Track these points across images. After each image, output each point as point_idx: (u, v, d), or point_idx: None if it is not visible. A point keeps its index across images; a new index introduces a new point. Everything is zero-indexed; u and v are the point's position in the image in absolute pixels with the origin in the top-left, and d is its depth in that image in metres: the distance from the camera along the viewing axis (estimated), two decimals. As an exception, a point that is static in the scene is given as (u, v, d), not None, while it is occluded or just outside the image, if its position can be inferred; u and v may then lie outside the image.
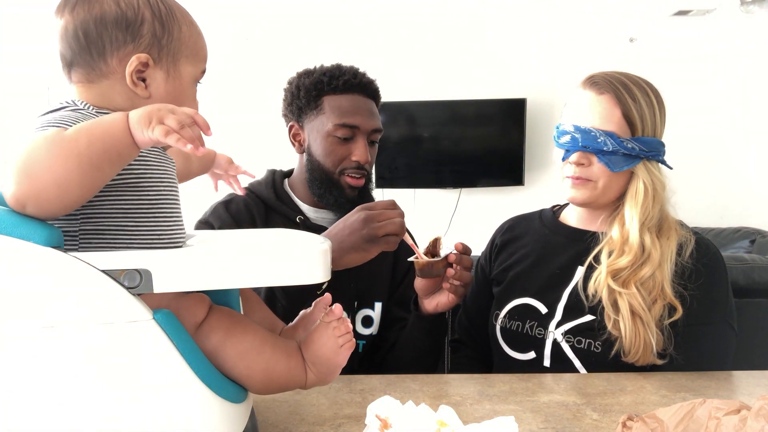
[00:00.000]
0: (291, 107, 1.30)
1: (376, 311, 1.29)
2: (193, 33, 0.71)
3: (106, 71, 0.66)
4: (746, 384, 0.98)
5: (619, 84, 1.08)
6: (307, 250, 0.63)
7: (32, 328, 0.56)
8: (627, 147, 1.06)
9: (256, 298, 0.80)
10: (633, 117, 1.07)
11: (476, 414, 0.84)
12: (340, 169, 1.25)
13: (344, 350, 0.69)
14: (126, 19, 0.65)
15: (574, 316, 1.10)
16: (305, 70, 1.30)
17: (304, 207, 1.31)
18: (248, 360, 0.65)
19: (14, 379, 0.56)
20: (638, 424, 0.62)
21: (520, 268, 1.20)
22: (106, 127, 0.58)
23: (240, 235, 0.81)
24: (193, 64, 0.71)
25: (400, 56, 3.34)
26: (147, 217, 0.64)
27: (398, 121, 3.34)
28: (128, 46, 0.65)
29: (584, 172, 1.09)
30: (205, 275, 0.59)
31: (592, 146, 1.06)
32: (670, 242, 1.07)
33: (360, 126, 1.23)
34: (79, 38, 0.65)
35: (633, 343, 1.02)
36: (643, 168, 1.08)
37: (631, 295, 1.03)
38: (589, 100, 1.09)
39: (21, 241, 0.55)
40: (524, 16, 3.42)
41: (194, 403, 0.61)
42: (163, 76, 0.68)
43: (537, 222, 1.26)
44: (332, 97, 1.24)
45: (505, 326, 1.16)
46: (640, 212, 1.07)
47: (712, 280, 1.08)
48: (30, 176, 0.54)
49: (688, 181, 3.35)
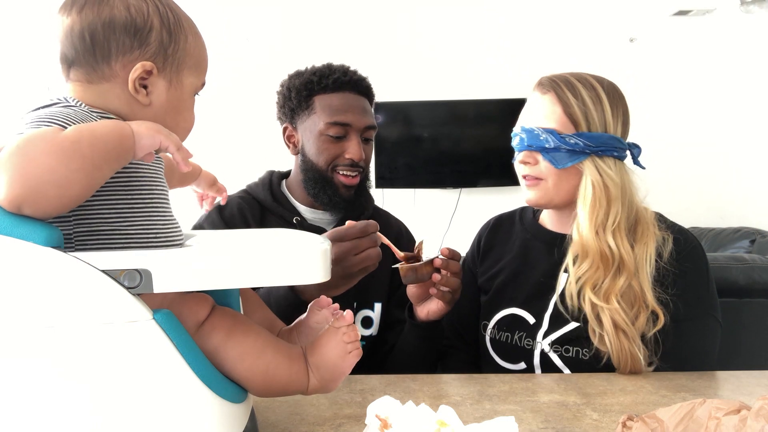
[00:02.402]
0: (284, 109, 1.30)
1: (375, 312, 1.29)
2: (198, 44, 0.71)
3: (108, 74, 0.65)
4: (746, 384, 0.98)
5: (562, 83, 1.09)
6: (307, 250, 0.63)
7: (32, 328, 0.56)
8: (569, 143, 1.06)
9: (256, 298, 0.80)
10: (575, 113, 1.07)
11: (476, 414, 0.84)
12: (332, 166, 1.24)
13: (351, 357, 0.69)
14: (135, 25, 0.65)
15: (559, 325, 1.09)
16: (296, 72, 1.30)
17: (301, 208, 1.31)
18: (249, 361, 0.65)
19: (14, 379, 0.56)
20: (638, 424, 0.62)
21: (505, 277, 1.19)
22: (108, 129, 0.58)
23: (240, 235, 0.81)
24: (196, 75, 0.71)
25: (400, 56, 3.34)
26: (140, 216, 0.64)
27: (398, 121, 3.33)
28: (134, 52, 0.65)
29: (533, 171, 1.10)
30: (205, 275, 0.59)
31: (535, 144, 1.08)
32: (648, 247, 1.05)
33: (352, 123, 1.23)
34: (85, 39, 0.64)
35: (620, 357, 1.01)
36: (590, 164, 1.06)
37: (613, 310, 1.01)
38: (534, 101, 1.12)
39: (21, 241, 0.55)
40: (524, 16, 3.42)
41: (194, 403, 0.61)
42: (165, 85, 0.68)
43: (518, 225, 1.25)
44: (323, 96, 1.24)
45: (495, 337, 1.16)
46: (589, 211, 1.05)
47: (694, 277, 1.07)
48: (27, 177, 0.53)
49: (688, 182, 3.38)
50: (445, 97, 3.36)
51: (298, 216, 1.29)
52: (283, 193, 1.33)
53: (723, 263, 1.71)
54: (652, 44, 3.42)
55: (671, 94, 3.39)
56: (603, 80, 1.12)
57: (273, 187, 1.32)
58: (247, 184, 1.36)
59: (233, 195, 1.31)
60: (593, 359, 1.05)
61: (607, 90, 1.10)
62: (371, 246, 1.00)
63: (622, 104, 1.11)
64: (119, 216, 0.62)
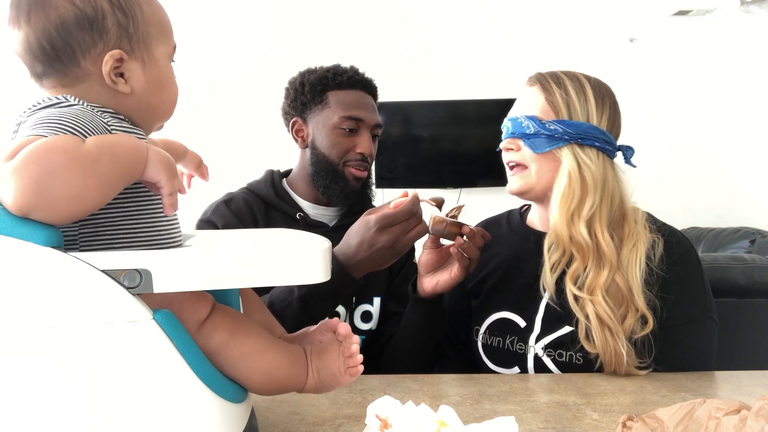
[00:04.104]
0: (294, 103, 1.33)
1: (374, 306, 1.30)
2: (154, 9, 0.67)
3: (82, 75, 0.63)
4: (746, 384, 0.98)
5: (549, 76, 1.11)
6: (308, 250, 0.63)
7: (32, 328, 0.56)
8: (549, 129, 1.06)
9: (256, 299, 0.80)
10: (556, 101, 1.08)
11: (476, 414, 0.84)
12: (344, 161, 1.28)
13: (347, 376, 0.69)
14: (87, 17, 0.62)
15: (552, 329, 1.08)
16: (307, 69, 1.33)
17: (303, 204, 1.33)
18: (250, 361, 0.65)
19: (14, 379, 0.56)
20: (638, 424, 0.62)
21: (494, 280, 1.19)
22: (128, 150, 0.58)
23: (240, 235, 0.81)
24: (164, 42, 0.68)
25: (400, 56, 3.34)
26: (146, 214, 0.64)
27: (398, 121, 3.33)
28: (98, 45, 0.63)
29: (516, 156, 1.12)
30: (205, 275, 0.59)
31: (517, 131, 1.10)
32: (638, 249, 1.04)
33: (364, 119, 1.28)
34: (45, 49, 0.62)
35: (605, 353, 1.00)
36: (569, 151, 1.06)
37: (597, 303, 1.01)
38: (521, 94, 1.14)
39: (21, 241, 0.55)
40: (524, 16, 3.42)
41: (194, 403, 0.61)
42: (140, 66, 0.65)
43: (506, 227, 1.25)
44: (337, 92, 1.28)
45: (486, 342, 1.15)
46: (561, 197, 1.05)
47: (688, 280, 1.07)
48: (42, 189, 0.52)
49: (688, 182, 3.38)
50: (445, 97, 3.36)
51: (300, 212, 1.31)
52: (285, 189, 1.35)
53: (723, 263, 1.71)
54: (652, 44, 3.42)
55: (671, 94, 3.38)
56: (591, 77, 1.12)
57: (275, 184, 1.34)
58: (247, 182, 1.37)
59: (237, 191, 1.34)
60: (587, 364, 1.04)
61: (594, 84, 1.10)
62: (418, 223, 1.04)
63: (610, 100, 1.11)
64: (124, 215, 0.62)
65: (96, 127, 0.59)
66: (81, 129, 0.58)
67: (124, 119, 0.67)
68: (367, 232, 1.02)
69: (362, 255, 1.03)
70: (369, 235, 1.02)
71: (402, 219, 1.02)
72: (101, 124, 0.61)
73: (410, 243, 1.04)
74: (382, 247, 1.02)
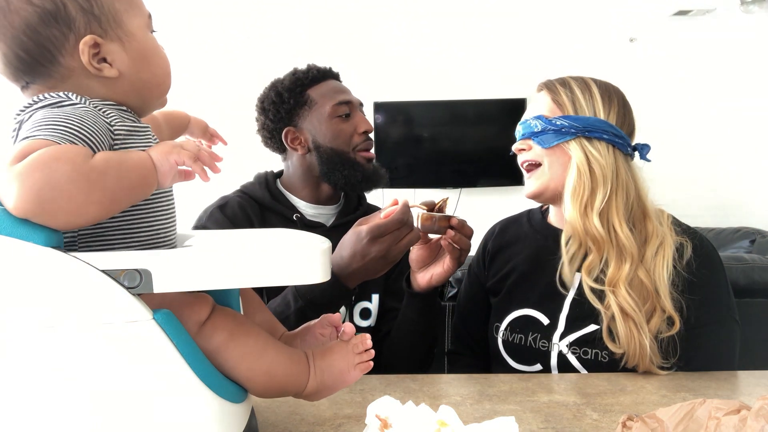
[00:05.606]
0: (278, 115, 1.33)
1: (373, 303, 1.30)
2: None
3: (66, 72, 0.62)
4: (746, 384, 0.98)
5: (556, 80, 1.14)
6: (307, 250, 0.63)
7: (32, 328, 0.56)
8: (555, 124, 1.08)
9: (257, 299, 0.80)
10: (561, 99, 1.11)
11: (476, 414, 0.84)
12: (352, 147, 1.30)
13: (357, 371, 0.69)
14: (49, 12, 0.60)
15: (577, 327, 1.08)
16: (272, 82, 1.36)
17: (300, 204, 1.33)
18: (250, 362, 0.65)
19: (14, 379, 0.56)
20: (638, 424, 0.62)
21: (516, 277, 1.19)
22: (134, 164, 0.57)
23: (240, 235, 0.81)
24: (135, 15, 0.65)
25: (400, 56, 3.34)
26: (144, 215, 0.63)
27: (398, 121, 3.33)
28: (69, 37, 0.61)
29: (528, 155, 1.14)
30: (205, 275, 0.59)
31: (527, 132, 1.12)
32: (664, 250, 1.04)
33: (351, 101, 1.32)
34: (22, 58, 0.61)
35: (629, 345, 1.00)
36: (576, 145, 1.08)
37: (620, 294, 1.01)
38: (531, 101, 1.18)
39: (21, 241, 0.55)
40: (524, 16, 3.42)
41: (194, 403, 0.61)
42: (118, 46, 0.64)
43: (526, 225, 1.25)
44: (314, 88, 1.31)
45: (507, 339, 1.15)
46: (572, 189, 1.06)
47: (712, 282, 1.07)
48: (43, 198, 0.52)
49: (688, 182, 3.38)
50: (445, 97, 3.36)
51: (297, 212, 1.30)
52: (280, 190, 1.34)
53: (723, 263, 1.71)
54: (652, 44, 3.42)
55: (671, 94, 3.39)
56: (598, 79, 1.14)
57: (270, 186, 1.34)
58: (241, 184, 1.36)
59: (231, 195, 1.33)
60: (612, 362, 1.04)
61: (600, 84, 1.12)
62: (409, 231, 1.04)
63: (617, 96, 1.12)
64: (123, 218, 0.62)
65: (100, 129, 0.59)
66: (88, 135, 0.57)
67: (126, 110, 0.66)
68: (359, 243, 1.03)
69: (355, 266, 1.03)
70: (361, 246, 1.02)
71: (393, 228, 1.02)
72: (105, 125, 0.60)
73: (402, 251, 1.04)
74: (375, 257, 1.02)
